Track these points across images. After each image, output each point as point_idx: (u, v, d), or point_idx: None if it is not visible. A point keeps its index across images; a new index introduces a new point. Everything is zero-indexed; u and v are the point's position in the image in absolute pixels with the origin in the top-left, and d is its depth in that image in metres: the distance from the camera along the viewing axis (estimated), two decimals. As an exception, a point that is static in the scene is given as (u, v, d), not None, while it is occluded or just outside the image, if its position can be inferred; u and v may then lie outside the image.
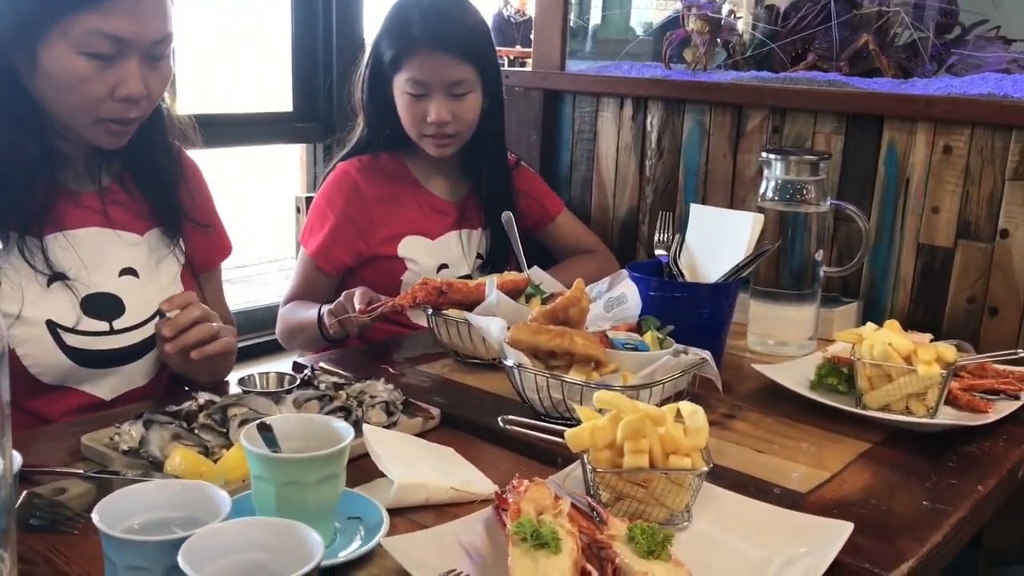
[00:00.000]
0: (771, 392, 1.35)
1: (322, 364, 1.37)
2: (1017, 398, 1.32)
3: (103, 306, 1.29)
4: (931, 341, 1.41)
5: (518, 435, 1.08)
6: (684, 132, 1.97)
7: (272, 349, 4.19)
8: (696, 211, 1.58)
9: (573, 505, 0.90)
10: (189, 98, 4.51)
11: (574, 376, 1.19)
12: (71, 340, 1.26)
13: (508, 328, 1.22)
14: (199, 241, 1.46)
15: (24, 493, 0.92)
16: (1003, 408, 1.29)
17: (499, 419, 1.05)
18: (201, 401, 1.13)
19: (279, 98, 4.16)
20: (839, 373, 1.34)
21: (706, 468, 0.93)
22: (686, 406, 1.00)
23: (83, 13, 1.16)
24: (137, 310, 1.32)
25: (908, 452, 1.18)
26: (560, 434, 0.97)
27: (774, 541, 0.91)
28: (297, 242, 1.91)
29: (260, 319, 4.58)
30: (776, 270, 1.56)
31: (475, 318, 1.28)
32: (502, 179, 1.89)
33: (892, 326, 1.32)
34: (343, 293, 1.56)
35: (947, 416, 1.27)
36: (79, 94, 1.20)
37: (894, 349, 1.26)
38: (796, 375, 1.38)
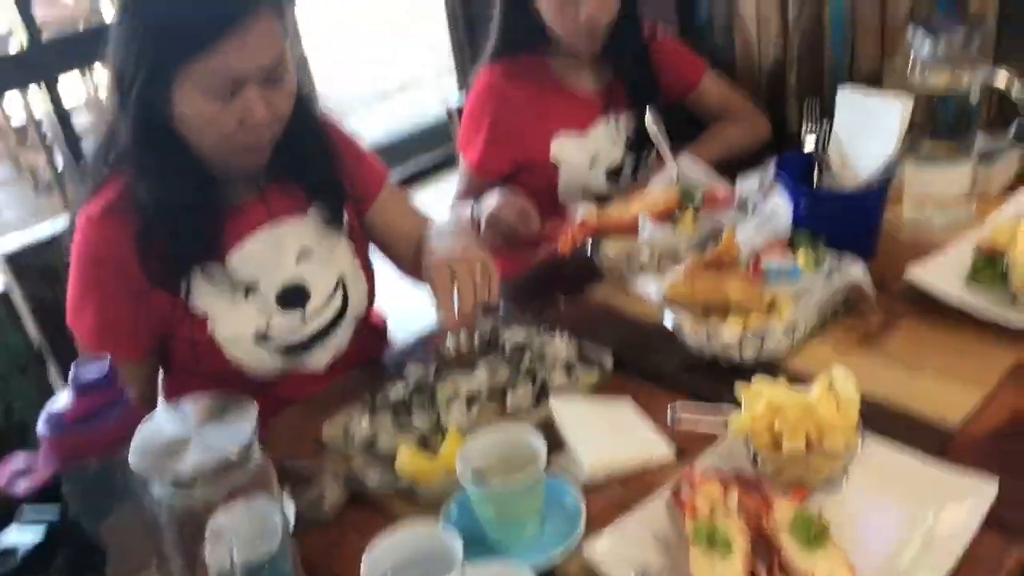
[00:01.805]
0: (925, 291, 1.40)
1: (504, 303, 1.52)
2: None
3: (292, 298, 1.44)
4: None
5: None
6: (826, -24, 1.88)
7: (443, 165, 4.39)
8: (843, 97, 1.57)
9: (739, 482, 1.06)
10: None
11: (732, 321, 1.30)
12: (277, 340, 1.43)
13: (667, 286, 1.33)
14: (355, 187, 1.54)
15: (286, 496, 1.15)
16: None
17: (668, 410, 1.18)
18: (411, 384, 1.33)
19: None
20: (994, 268, 1.37)
21: (858, 448, 1.05)
22: (838, 372, 1.10)
23: (196, 59, 1.22)
24: (322, 290, 1.46)
25: (1064, 360, 1.24)
26: (726, 417, 1.10)
27: (924, 498, 1.03)
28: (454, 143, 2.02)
29: (423, 139, 4.78)
30: (929, 135, 1.55)
31: (634, 284, 1.39)
32: (642, 61, 1.91)
33: (1049, 223, 1.33)
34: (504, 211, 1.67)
35: (1108, 305, 1.30)
36: (211, 131, 1.29)
37: (1049, 253, 1.28)
38: (951, 269, 1.42)
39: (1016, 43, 1.67)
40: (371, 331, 1.60)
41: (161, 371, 1.50)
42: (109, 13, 4.99)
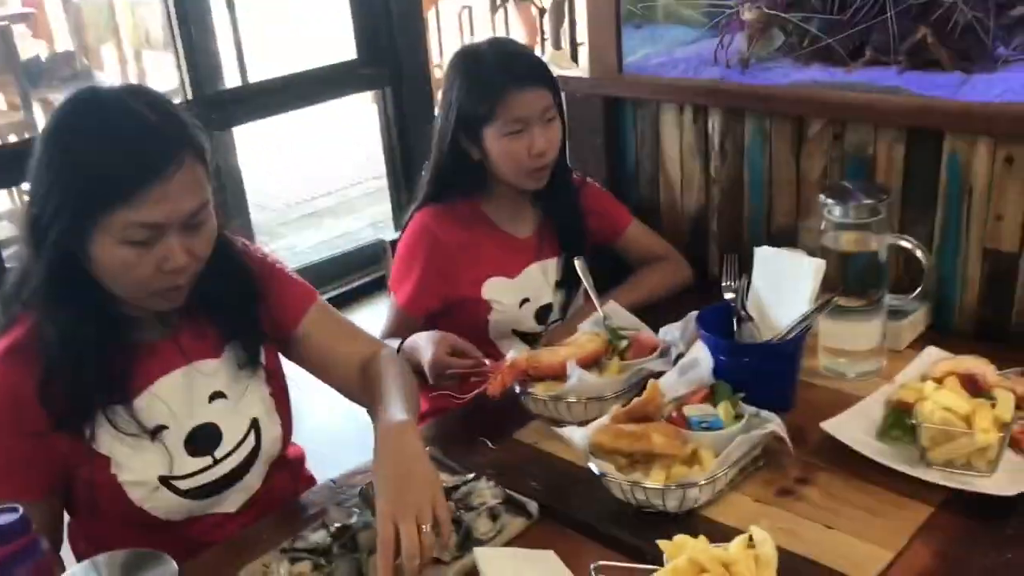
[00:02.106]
0: (840, 444, 1.45)
1: (430, 448, 1.53)
2: (1078, 438, 1.40)
3: (203, 440, 1.41)
4: (996, 370, 1.50)
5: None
6: (746, 137, 2.01)
7: (378, 287, 4.41)
8: (761, 256, 1.65)
9: (662, 640, 1.06)
10: (257, 68, 4.62)
11: (656, 471, 1.33)
12: (184, 484, 1.39)
13: (590, 435, 1.36)
14: (280, 310, 1.51)
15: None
16: (1062, 453, 1.37)
17: (591, 568, 1.19)
18: (332, 529, 1.31)
19: (344, 49, 4.22)
20: (903, 425, 1.43)
21: (776, 603, 1.07)
22: (757, 533, 1.12)
23: (117, 210, 1.20)
24: (233, 434, 1.44)
25: (969, 515, 1.29)
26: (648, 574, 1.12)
27: (840, 659, 1.05)
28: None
29: (356, 261, 4.82)
30: (841, 292, 1.63)
31: (559, 430, 1.41)
32: (573, 205, 1.99)
33: (951, 384, 1.40)
34: (437, 363, 1.69)
35: (1009, 462, 1.36)
36: (128, 277, 1.27)
37: (953, 413, 1.34)
38: (864, 422, 1.48)
39: (919, 211, 1.79)
40: (286, 468, 1.57)
41: (67, 514, 1.45)
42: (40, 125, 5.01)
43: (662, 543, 1.13)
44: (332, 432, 2.95)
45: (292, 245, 5.37)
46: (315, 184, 6.56)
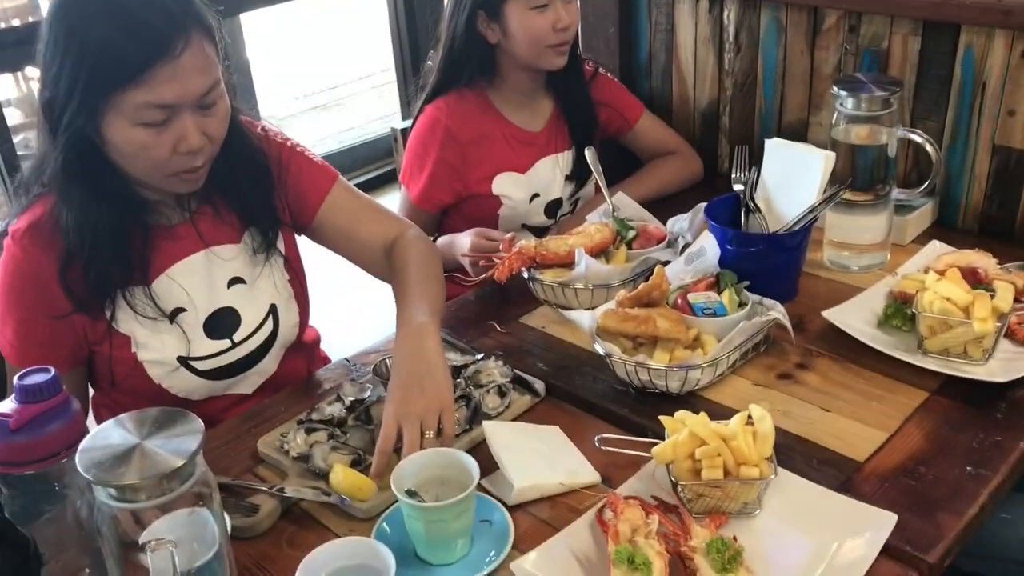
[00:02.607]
0: (841, 331, 1.49)
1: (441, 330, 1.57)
2: (1073, 329, 1.43)
3: (222, 323, 1.44)
4: (998, 264, 1.52)
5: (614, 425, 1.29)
6: (761, 28, 1.98)
7: (387, 180, 4.43)
8: (771, 146, 1.66)
9: (660, 508, 1.12)
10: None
11: (659, 354, 1.37)
12: (202, 366, 1.43)
13: (598, 317, 1.39)
14: (301, 193, 1.52)
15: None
16: (1057, 343, 1.41)
17: (595, 440, 1.24)
18: (347, 402, 1.36)
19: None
20: (903, 314, 1.47)
21: (772, 476, 1.12)
22: (755, 410, 1.17)
23: (128, 90, 1.20)
24: (251, 316, 1.47)
25: (962, 400, 1.33)
26: (649, 447, 1.16)
27: (830, 528, 1.11)
28: (397, 176, 2.06)
29: (365, 154, 4.81)
30: (854, 187, 1.64)
31: (567, 313, 1.45)
32: (583, 97, 1.98)
33: (953, 275, 1.42)
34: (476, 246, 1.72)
35: (1004, 352, 1.40)
36: (144, 159, 1.27)
37: (952, 303, 1.37)
38: (865, 312, 1.52)
39: (931, 105, 1.79)
40: (302, 350, 1.61)
41: (92, 388, 1.50)
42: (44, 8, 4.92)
43: (664, 418, 1.18)
44: (347, 315, 3.02)
45: (300, 138, 5.34)
46: (323, 76, 6.49)
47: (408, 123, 2.05)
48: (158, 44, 1.21)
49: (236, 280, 1.46)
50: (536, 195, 1.97)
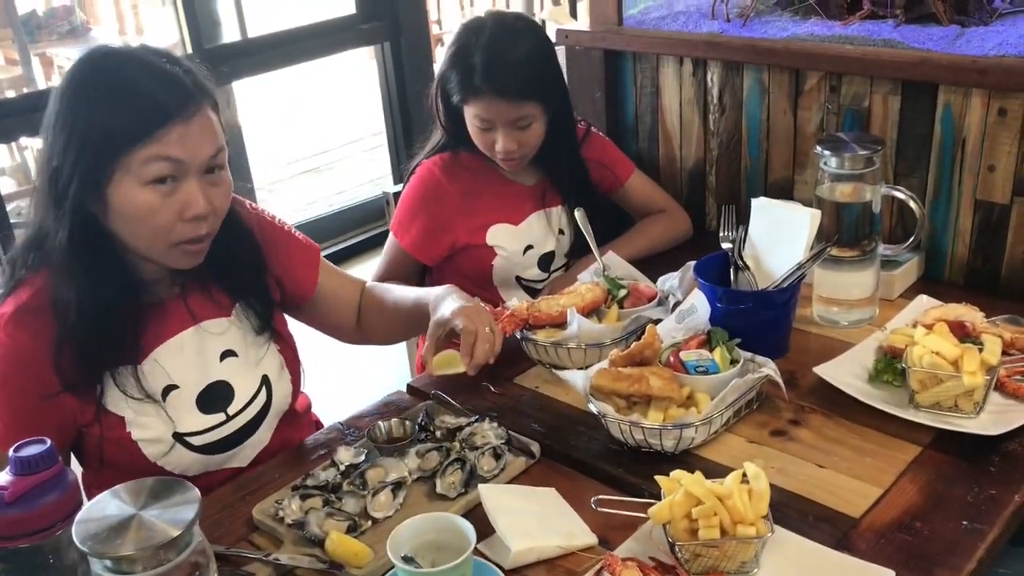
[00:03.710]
0: (833, 387, 1.50)
1: (435, 392, 1.58)
2: (1061, 380, 1.45)
3: (215, 397, 1.43)
4: (985, 317, 1.54)
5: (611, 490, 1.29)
6: (744, 90, 2.03)
7: (377, 242, 4.47)
8: (757, 205, 1.69)
9: (657, 569, 1.12)
10: (256, 23, 4.62)
11: (653, 413, 1.38)
12: (198, 441, 1.42)
13: (591, 377, 1.40)
14: (294, 274, 1.57)
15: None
16: (1046, 395, 1.42)
17: (592, 501, 1.24)
18: (342, 468, 1.36)
19: (343, 4, 4.22)
20: (893, 369, 1.48)
21: (769, 534, 1.12)
22: (750, 468, 1.17)
23: (140, 147, 1.24)
24: (245, 388, 1.46)
25: (955, 454, 1.34)
26: (645, 508, 1.16)
27: (828, 586, 1.11)
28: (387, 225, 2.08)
29: (356, 217, 4.84)
30: (840, 244, 1.67)
31: (561, 373, 1.46)
32: (576, 164, 2.02)
33: (941, 329, 1.44)
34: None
35: (995, 404, 1.41)
36: (150, 224, 1.28)
37: (941, 357, 1.39)
38: (855, 367, 1.53)
39: (913, 162, 1.82)
40: (295, 419, 1.60)
41: (80, 467, 1.48)
42: (41, 81, 4.99)
43: (660, 478, 1.18)
44: (338, 379, 3.02)
45: (291, 202, 5.39)
46: (315, 141, 6.57)
47: (400, 187, 2.08)
48: (171, 107, 1.25)
49: (229, 353, 1.46)
50: (530, 247, 2.00)
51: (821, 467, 1.35)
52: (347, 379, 3.11)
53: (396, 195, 2.10)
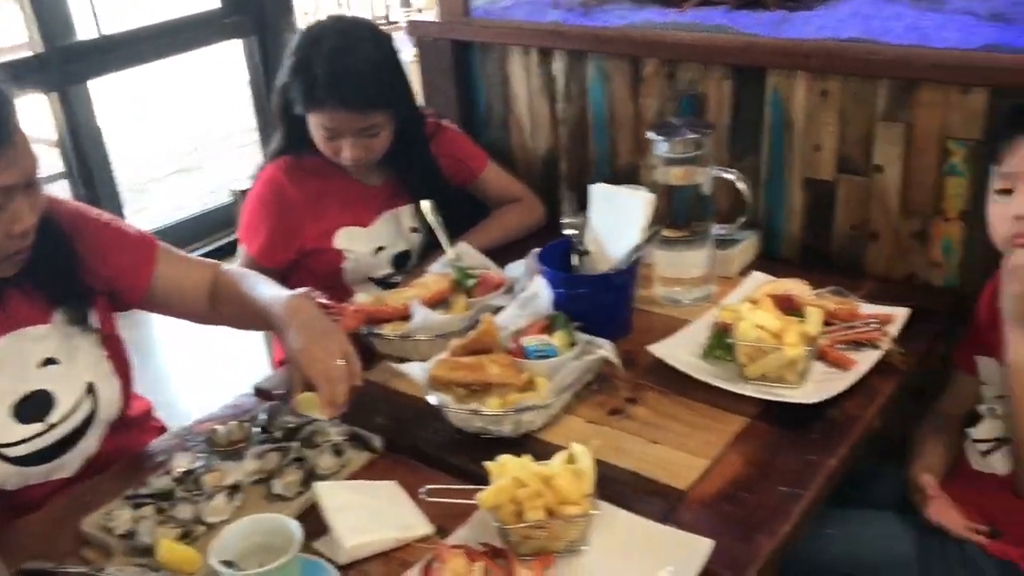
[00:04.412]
0: (670, 365, 1.54)
1: (278, 392, 1.56)
2: (877, 347, 1.53)
3: (33, 407, 1.39)
4: (813, 290, 1.61)
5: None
6: (588, 79, 2.06)
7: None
8: (596, 192, 1.72)
9: (488, 554, 1.13)
10: (114, 17, 4.45)
11: (492, 400, 1.39)
12: (13, 452, 1.37)
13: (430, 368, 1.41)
14: (123, 269, 1.52)
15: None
16: (864, 362, 1.49)
17: (419, 492, 1.25)
18: (176, 474, 1.33)
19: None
20: (724, 344, 1.53)
21: (593, 512, 1.15)
22: (576, 448, 1.20)
23: None
24: (67, 396, 1.42)
25: (780, 424, 1.40)
26: (474, 494, 1.18)
27: (652, 558, 1.14)
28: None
29: (223, 217, 4.71)
30: (673, 225, 1.72)
31: (398, 366, 1.46)
32: (425, 162, 2.01)
33: (765, 305, 1.50)
34: None
35: (819, 374, 1.48)
36: None
37: (765, 330, 1.45)
38: (690, 344, 1.58)
39: (747, 144, 1.89)
40: (130, 426, 1.56)
41: None
42: None
43: (488, 464, 1.20)
44: (181, 385, 2.94)
45: (163, 202, 5.24)
46: (187, 139, 6.40)
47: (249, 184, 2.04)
48: (2, 133, 1.22)
49: (49, 361, 1.42)
50: (381, 248, 1.99)
51: (654, 443, 1.39)
52: (204, 381, 3.02)
53: (245, 192, 2.06)
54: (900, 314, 1.59)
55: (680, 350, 1.56)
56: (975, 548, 1.47)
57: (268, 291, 1.51)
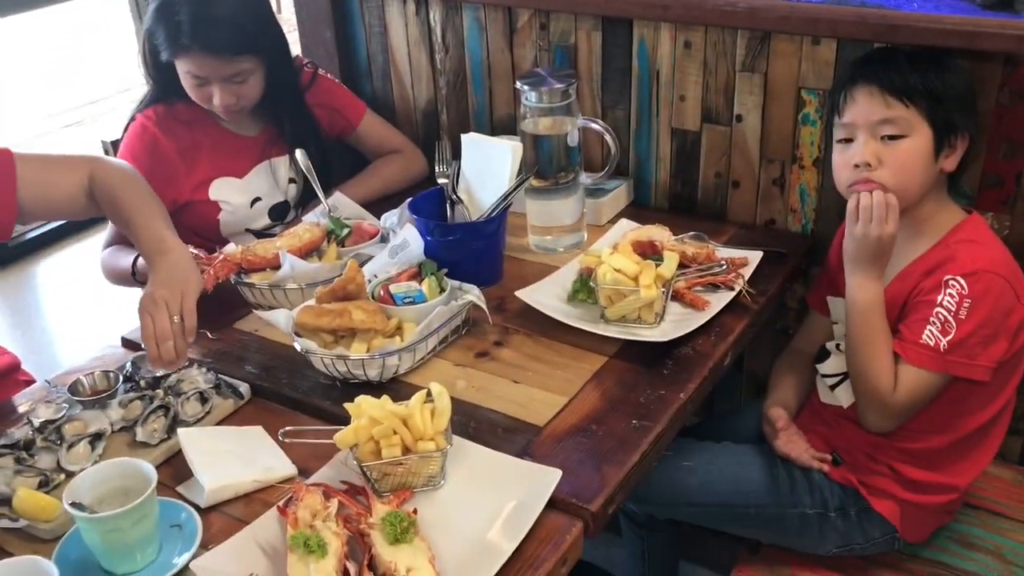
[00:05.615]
0: (537, 309, 1.59)
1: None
2: (732, 289, 1.60)
3: None
4: (673, 236, 1.67)
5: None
6: (464, 29, 2.08)
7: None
8: (467, 141, 1.75)
9: (346, 492, 1.17)
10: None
11: (357, 344, 1.42)
12: None
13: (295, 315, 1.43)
14: None
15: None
16: (718, 303, 1.57)
17: (279, 433, 1.27)
18: (36, 424, 1.33)
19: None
20: (587, 288, 1.59)
21: (448, 447, 1.19)
22: (435, 387, 1.24)
23: None
24: None
25: (636, 361, 1.46)
26: (332, 435, 1.21)
27: (504, 490, 1.19)
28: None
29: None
30: (541, 175, 1.76)
31: (263, 314, 1.47)
32: (301, 111, 2.00)
33: (624, 249, 1.56)
34: None
35: (675, 315, 1.55)
36: None
37: (623, 274, 1.51)
38: (557, 289, 1.63)
39: (617, 95, 1.94)
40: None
41: None
42: None
43: (347, 405, 1.23)
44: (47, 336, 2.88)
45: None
46: (79, 92, 6.16)
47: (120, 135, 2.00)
48: None
49: None
50: (258, 199, 1.98)
51: (516, 383, 1.44)
52: (84, 335, 2.95)
53: (115, 143, 2.02)
54: (754, 257, 1.66)
55: (546, 295, 1.61)
56: (820, 475, 1.58)
57: (138, 225, 1.52)
